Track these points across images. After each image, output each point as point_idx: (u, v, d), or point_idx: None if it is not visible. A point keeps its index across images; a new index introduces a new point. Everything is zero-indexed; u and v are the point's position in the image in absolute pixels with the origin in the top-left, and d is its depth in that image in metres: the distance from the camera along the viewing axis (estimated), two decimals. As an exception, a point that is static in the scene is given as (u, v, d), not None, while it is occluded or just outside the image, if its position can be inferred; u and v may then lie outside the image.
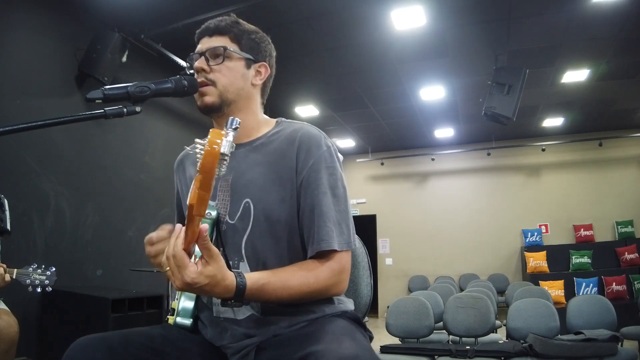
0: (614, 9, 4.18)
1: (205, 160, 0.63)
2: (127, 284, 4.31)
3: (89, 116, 0.99)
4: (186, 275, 0.82)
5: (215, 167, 0.64)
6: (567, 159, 8.24)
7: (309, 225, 1.04)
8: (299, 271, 0.99)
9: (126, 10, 4.09)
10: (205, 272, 0.82)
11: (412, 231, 8.94)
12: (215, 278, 0.84)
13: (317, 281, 0.99)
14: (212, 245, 0.83)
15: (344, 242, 1.03)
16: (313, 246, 1.02)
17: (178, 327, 1.09)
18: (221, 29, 1.11)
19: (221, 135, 0.65)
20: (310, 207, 1.04)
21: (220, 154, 0.64)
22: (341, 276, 1.04)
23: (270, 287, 0.93)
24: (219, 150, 0.63)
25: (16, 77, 3.59)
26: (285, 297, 0.96)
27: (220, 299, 0.91)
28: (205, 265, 0.83)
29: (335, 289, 1.03)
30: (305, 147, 1.07)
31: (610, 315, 3.42)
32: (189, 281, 0.82)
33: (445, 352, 3.18)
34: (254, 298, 0.93)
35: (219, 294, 0.87)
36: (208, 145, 0.63)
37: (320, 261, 1.01)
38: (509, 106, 4.72)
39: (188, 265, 0.82)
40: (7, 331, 2.09)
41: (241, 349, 1.02)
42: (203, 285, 0.83)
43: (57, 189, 3.83)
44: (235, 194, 1.07)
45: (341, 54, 5.13)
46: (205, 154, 0.63)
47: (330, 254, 1.02)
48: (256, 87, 1.16)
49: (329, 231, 1.01)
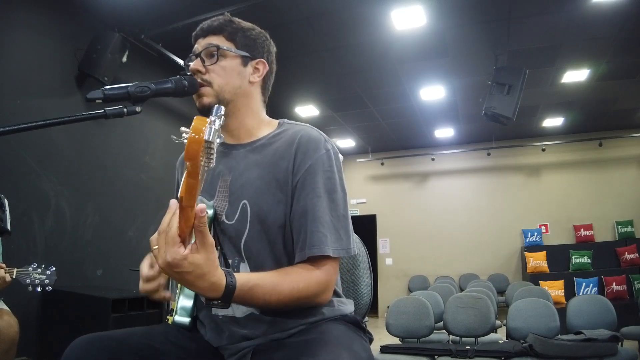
0: (614, 9, 4.18)
1: (189, 147, 0.62)
2: (127, 284, 4.31)
3: (89, 116, 0.99)
4: (168, 254, 0.74)
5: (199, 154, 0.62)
6: (567, 159, 8.24)
7: (298, 228, 1.00)
8: (289, 275, 0.95)
9: (126, 10, 4.09)
10: (191, 258, 0.75)
11: (412, 231, 8.94)
12: (201, 269, 0.76)
13: (308, 287, 0.95)
14: (208, 232, 0.77)
15: (341, 249, 0.99)
16: (304, 251, 0.98)
17: (177, 325, 1.08)
18: (214, 29, 1.11)
19: (205, 121, 0.63)
20: (302, 210, 1.00)
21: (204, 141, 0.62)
22: (329, 285, 1.00)
23: (260, 290, 0.88)
24: (202, 136, 0.62)
25: (16, 77, 3.59)
26: (273, 301, 0.91)
27: (205, 298, 0.83)
28: (194, 252, 0.76)
29: (322, 296, 0.99)
30: (303, 149, 1.04)
31: (610, 315, 3.42)
32: (170, 260, 0.74)
33: (445, 352, 3.18)
34: (241, 300, 0.86)
35: (202, 289, 0.79)
36: (192, 131, 0.62)
37: (311, 267, 0.97)
38: (509, 106, 4.72)
39: (176, 244, 0.75)
40: (7, 331, 2.10)
41: (238, 351, 1.02)
42: (185, 272, 0.76)
43: (57, 189, 3.84)
44: (233, 195, 1.06)
45: (341, 54, 5.13)
46: (188, 140, 0.62)
47: (322, 261, 0.98)
48: (255, 84, 1.14)
49: (321, 236, 0.97)
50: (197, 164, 0.63)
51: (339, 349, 0.87)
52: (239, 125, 1.12)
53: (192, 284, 0.78)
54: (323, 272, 0.97)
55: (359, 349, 0.94)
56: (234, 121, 1.11)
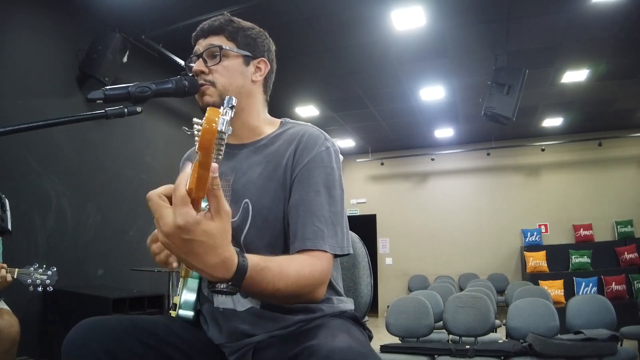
0: (614, 9, 4.19)
1: (203, 137, 0.62)
2: (128, 284, 4.32)
3: (90, 116, 1.00)
4: (179, 216, 0.64)
5: (213, 144, 0.63)
6: (567, 159, 8.24)
7: (293, 221, 0.99)
8: (294, 260, 0.91)
9: (127, 11, 4.10)
10: (205, 225, 0.66)
11: (412, 231, 8.95)
12: (214, 239, 0.67)
13: (312, 274, 0.90)
14: (224, 198, 0.68)
15: (337, 246, 0.97)
16: (296, 243, 0.96)
17: (181, 319, 1.09)
18: (215, 29, 1.11)
19: (218, 113, 0.64)
20: (297, 202, 0.99)
21: (217, 132, 0.63)
22: (326, 278, 0.95)
23: (269, 272, 0.81)
24: (216, 127, 0.62)
25: (17, 77, 3.60)
26: (281, 287, 0.84)
27: (211, 282, 0.74)
28: (208, 219, 0.66)
29: (320, 289, 0.94)
30: (303, 146, 1.05)
31: (610, 315, 3.43)
32: (181, 223, 0.64)
33: (445, 352, 3.19)
34: (251, 284, 0.77)
35: (212, 266, 0.69)
36: (205, 122, 0.63)
37: (310, 256, 0.94)
38: (508, 106, 4.72)
39: (187, 204, 0.64)
40: (8, 331, 2.10)
41: (239, 349, 1.02)
42: (196, 240, 0.66)
43: (58, 188, 3.84)
44: (235, 195, 1.07)
45: (341, 54, 5.14)
46: (202, 131, 0.62)
47: (318, 254, 0.95)
48: (257, 83, 1.15)
49: (317, 230, 0.96)
50: (210, 154, 0.64)
51: (336, 331, 0.88)
52: (242, 125, 1.12)
53: (201, 258, 0.68)
54: (323, 264, 0.94)
55: (356, 333, 0.95)
56: (237, 121, 1.11)
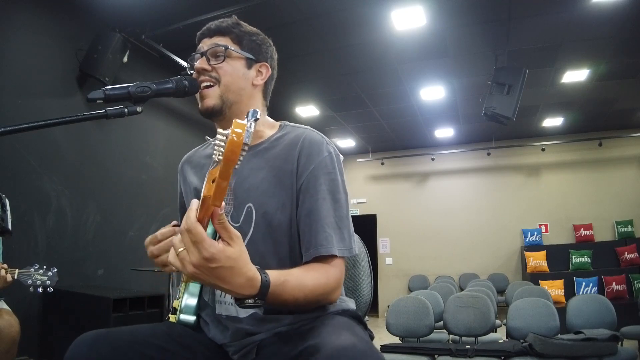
0: (614, 9, 4.19)
1: (229, 148, 0.65)
2: (128, 284, 4.32)
3: (90, 116, 1.00)
4: (205, 250, 0.70)
5: (237, 156, 0.66)
6: (567, 158, 8.24)
7: (305, 229, 1.02)
8: (310, 271, 0.96)
9: (127, 11, 4.10)
10: (228, 251, 0.72)
11: (412, 231, 8.95)
12: (238, 262, 0.74)
13: (327, 282, 0.96)
14: (230, 226, 0.74)
15: (344, 249, 1.01)
16: (311, 250, 1.00)
17: (181, 324, 1.09)
18: (222, 30, 1.12)
19: (244, 126, 0.67)
20: (308, 211, 1.02)
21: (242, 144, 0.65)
22: (341, 282, 1.02)
23: (289, 285, 0.86)
24: (242, 139, 0.65)
25: (17, 77, 3.60)
26: (300, 298, 0.89)
27: (237, 298, 0.79)
28: (227, 245, 0.73)
29: (336, 293, 1.00)
30: (306, 152, 1.06)
31: (610, 314, 3.42)
32: (208, 256, 0.70)
33: (445, 352, 3.19)
34: (274, 297, 0.82)
35: (239, 285, 0.75)
36: (232, 134, 0.65)
37: (323, 264, 0.99)
38: (508, 106, 4.72)
39: (206, 238, 0.71)
40: (8, 331, 2.10)
41: (243, 347, 1.02)
42: (223, 267, 0.72)
43: (58, 189, 3.84)
44: (237, 199, 1.07)
45: (341, 54, 5.14)
46: (229, 142, 0.65)
47: (330, 260, 0.99)
48: (257, 87, 1.16)
49: (327, 236, 0.99)
50: (233, 165, 0.66)
51: (340, 330, 0.89)
52: None
53: (229, 281, 0.74)
54: (336, 269, 1.00)
55: (359, 332, 0.96)
56: None
